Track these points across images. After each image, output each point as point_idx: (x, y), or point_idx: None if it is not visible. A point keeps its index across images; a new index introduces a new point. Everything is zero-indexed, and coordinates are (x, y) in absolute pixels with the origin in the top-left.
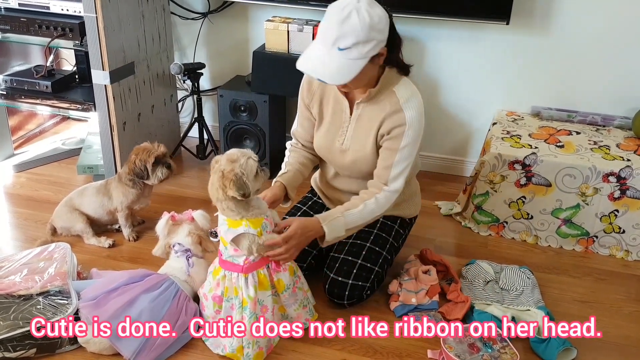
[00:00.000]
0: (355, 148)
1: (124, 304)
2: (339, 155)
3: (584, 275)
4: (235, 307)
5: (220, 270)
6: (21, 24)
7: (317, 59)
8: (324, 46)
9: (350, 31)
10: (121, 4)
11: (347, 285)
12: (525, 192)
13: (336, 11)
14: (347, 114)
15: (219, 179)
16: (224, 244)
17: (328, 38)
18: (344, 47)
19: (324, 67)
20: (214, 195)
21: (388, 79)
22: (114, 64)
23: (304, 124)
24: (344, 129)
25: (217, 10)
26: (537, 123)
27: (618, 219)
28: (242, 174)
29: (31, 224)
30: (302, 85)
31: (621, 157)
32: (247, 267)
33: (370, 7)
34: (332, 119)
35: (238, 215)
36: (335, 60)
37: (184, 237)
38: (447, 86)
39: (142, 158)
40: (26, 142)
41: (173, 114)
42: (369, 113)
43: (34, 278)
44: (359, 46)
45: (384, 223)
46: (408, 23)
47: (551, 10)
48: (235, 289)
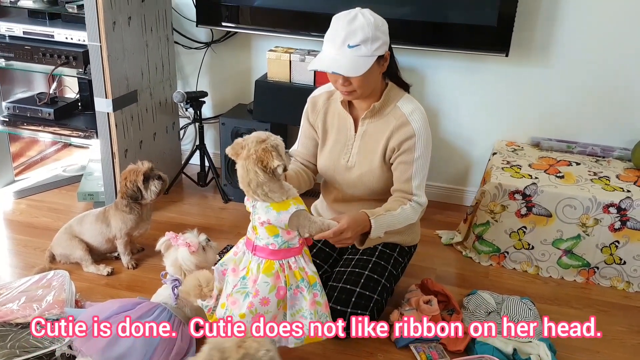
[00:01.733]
0: (362, 164)
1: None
2: (345, 172)
3: (586, 306)
4: (304, 289)
5: (273, 264)
6: (25, 51)
7: (329, 58)
8: (334, 47)
9: (359, 28)
10: (125, 34)
11: (346, 314)
12: (526, 222)
13: (342, 15)
14: (352, 131)
15: (253, 162)
16: (269, 234)
17: (338, 38)
18: (353, 44)
19: (337, 63)
20: (252, 181)
21: (391, 94)
22: (117, 92)
23: (306, 143)
24: (349, 146)
25: (220, 40)
26: (536, 153)
27: (619, 250)
28: (277, 145)
29: (30, 250)
30: (307, 105)
31: (621, 188)
32: (301, 247)
33: (372, 13)
34: (336, 136)
35: (283, 195)
36: (347, 57)
37: (169, 266)
38: (447, 116)
39: (131, 179)
40: (27, 169)
41: (175, 141)
42: (374, 128)
43: (31, 306)
44: (367, 43)
45: (383, 251)
46: (409, 54)
47: (550, 42)
48: (296, 273)
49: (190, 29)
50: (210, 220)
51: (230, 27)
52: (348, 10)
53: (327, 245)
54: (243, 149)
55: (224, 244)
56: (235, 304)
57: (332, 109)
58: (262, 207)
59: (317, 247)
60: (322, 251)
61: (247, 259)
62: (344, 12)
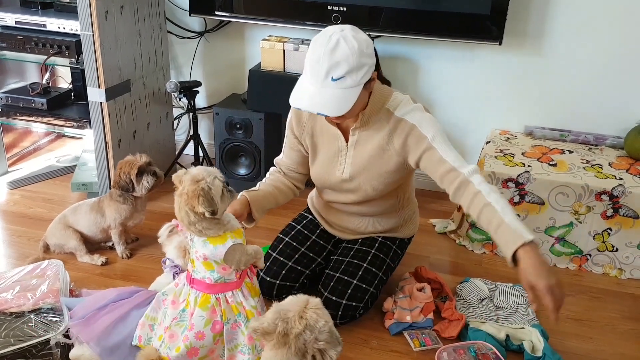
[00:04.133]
0: (359, 173)
1: (114, 320)
2: (341, 184)
3: (578, 293)
4: (241, 324)
5: (209, 298)
6: (17, 41)
7: (312, 94)
8: (316, 80)
9: (342, 59)
10: (118, 23)
11: (341, 305)
12: (519, 210)
13: (322, 42)
14: (342, 142)
15: (185, 202)
16: (206, 268)
17: (320, 71)
18: (337, 77)
19: (321, 101)
20: (184, 219)
21: (377, 99)
22: (110, 82)
23: (291, 154)
24: (342, 158)
25: (213, 29)
26: (530, 142)
27: (611, 237)
28: (209, 189)
29: (24, 241)
30: (291, 117)
31: (614, 176)
32: (239, 281)
33: (355, 33)
34: (327, 149)
35: (220, 230)
36: (331, 92)
37: (173, 248)
38: (440, 105)
39: (125, 171)
40: (20, 160)
41: (169, 131)
42: (367, 136)
43: (26, 295)
44: (352, 74)
45: (383, 243)
46: (402, 43)
47: (544, 30)
48: (233, 307)
49: (183, 18)
50: None
51: (224, 16)
52: (328, 34)
53: (322, 237)
54: (180, 184)
55: None
56: (172, 337)
57: (319, 122)
58: (198, 241)
59: (311, 239)
60: (316, 244)
61: (187, 291)
62: (324, 37)
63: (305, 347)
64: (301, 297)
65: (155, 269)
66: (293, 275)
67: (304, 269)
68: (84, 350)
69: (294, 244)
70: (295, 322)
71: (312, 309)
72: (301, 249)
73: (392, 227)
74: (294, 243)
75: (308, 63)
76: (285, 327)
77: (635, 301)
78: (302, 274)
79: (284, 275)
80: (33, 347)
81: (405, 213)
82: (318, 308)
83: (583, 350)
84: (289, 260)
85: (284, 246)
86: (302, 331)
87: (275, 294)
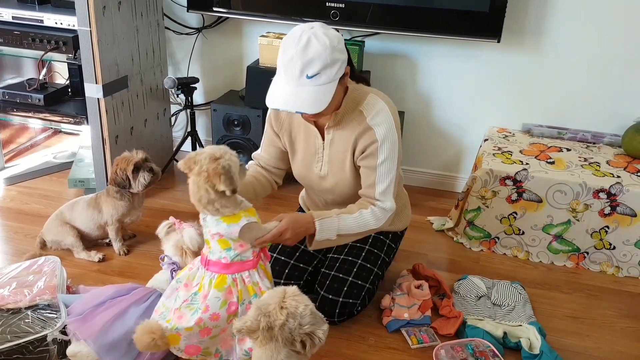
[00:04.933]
0: (334, 172)
1: (111, 317)
2: (319, 181)
3: (576, 291)
4: None
5: (225, 279)
6: (14, 37)
7: (287, 94)
8: (291, 79)
9: (315, 57)
10: (115, 19)
11: (338, 303)
12: (517, 208)
13: (293, 42)
14: (319, 139)
15: (205, 180)
16: (222, 247)
17: (294, 70)
18: (312, 74)
19: (298, 100)
20: (202, 198)
21: (351, 99)
22: (107, 78)
23: (269, 150)
24: (319, 155)
25: (211, 25)
26: (527, 140)
27: (608, 235)
28: (229, 167)
29: (21, 237)
30: (270, 113)
31: (611, 174)
32: (255, 260)
33: (325, 30)
34: (305, 146)
35: (235, 209)
36: (307, 90)
37: (171, 246)
38: (439, 102)
39: (121, 167)
40: (17, 156)
41: (166, 128)
42: (340, 136)
43: (22, 292)
44: (327, 70)
45: (376, 238)
46: (401, 40)
47: (542, 28)
48: (249, 288)
49: (181, 14)
50: None
51: (222, 12)
52: (298, 34)
53: None
54: (195, 165)
55: None
56: (181, 318)
57: (296, 119)
58: (212, 220)
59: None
60: None
61: (201, 275)
62: (294, 37)
63: (292, 335)
64: (278, 289)
65: (153, 265)
66: (296, 274)
67: (307, 265)
68: (81, 347)
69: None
70: (277, 314)
71: (290, 297)
72: (301, 247)
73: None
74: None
75: (281, 63)
76: (268, 320)
77: (633, 299)
78: (305, 271)
79: (288, 274)
80: (30, 344)
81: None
82: (296, 295)
83: (580, 347)
84: (291, 259)
85: (284, 245)
86: (286, 320)
87: None
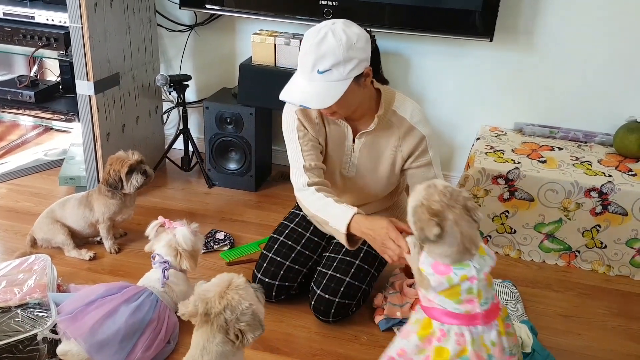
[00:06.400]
0: (363, 174)
1: (102, 316)
2: (343, 181)
3: (567, 289)
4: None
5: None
6: (5, 33)
7: (301, 88)
8: (304, 73)
9: (329, 52)
10: (107, 15)
11: (334, 303)
12: (509, 207)
13: (312, 35)
14: (350, 141)
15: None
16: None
17: (307, 64)
18: (323, 69)
19: (304, 93)
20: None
21: (385, 99)
22: (99, 75)
23: (313, 154)
24: (347, 156)
25: (203, 22)
26: (519, 139)
27: (600, 234)
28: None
29: (11, 235)
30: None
31: (603, 173)
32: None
33: (346, 27)
34: (333, 146)
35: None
36: (316, 85)
37: (163, 246)
38: (431, 101)
39: (115, 168)
40: (8, 153)
41: (158, 125)
42: (376, 138)
43: (12, 290)
44: (339, 67)
45: None
46: (393, 38)
47: (534, 27)
48: (486, 346)
49: (173, 11)
50: (194, 205)
51: (214, 9)
52: (318, 28)
53: (316, 234)
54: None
55: (208, 229)
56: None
57: (328, 119)
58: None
59: (305, 236)
60: (311, 241)
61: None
62: (314, 30)
63: (227, 325)
64: (224, 277)
65: (144, 264)
66: (291, 275)
67: (302, 267)
68: (71, 346)
69: (289, 243)
70: (215, 302)
71: (235, 289)
72: (297, 248)
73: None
74: (289, 242)
75: (299, 57)
76: (205, 307)
77: (624, 298)
78: (299, 273)
79: (282, 276)
80: (20, 343)
81: (397, 211)
82: (240, 289)
83: (572, 346)
84: (286, 260)
85: (280, 246)
86: (222, 310)
87: (275, 295)
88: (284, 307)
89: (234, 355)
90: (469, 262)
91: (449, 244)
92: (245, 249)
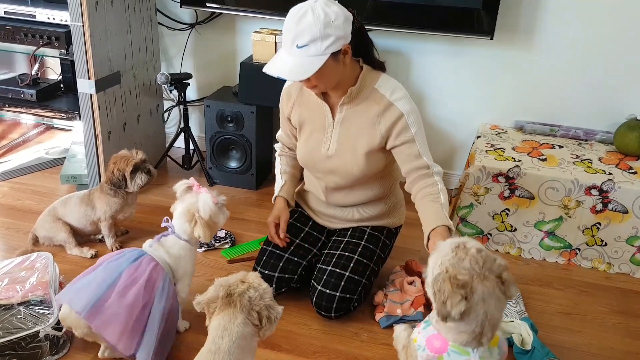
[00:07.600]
0: (343, 152)
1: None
2: (325, 161)
3: (567, 287)
4: None
5: None
6: (6, 32)
7: (279, 60)
8: (285, 47)
9: (306, 28)
10: (108, 14)
11: (335, 297)
12: (509, 205)
13: (293, 13)
14: (329, 118)
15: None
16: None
17: (288, 39)
18: (301, 44)
19: (282, 65)
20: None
21: (367, 77)
22: (100, 73)
23: (288, 132)
24: (328, 134)
25: (204, 21)
26: (520, 137)
27: (600, 231)
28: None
29: (13, 233)
30: (282, 97)
31: (603, 171)
32: None
33: (326, 5)
34: (314, 125)
35: None
36: (296, 58)
37: (182, 209)
38: (432, 99)
39: (119, 167)
40: (9, 151)
41: (159, 124)
42: (354, 114)
43: (15, 288)
44: (316, 43)
45: (372, 234)
46: (394, 37)
47: (535, 26)
48: None
49: (174, 9)
50: None
51: (215, 7)
52: (301, 5)
53: (315, 229)
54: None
55: None
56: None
57: (307, 98)
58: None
59: (304, 230)
60: (310, 235)
61: None
62: (296, 8)
63: (250, 304)
64: (240, 273)
65: None
66: (290, 267)
67: (301, 259)
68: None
69: (288, 236)
70: (238, 285)
71: (253, 276)
72: (296, 241)
73: (379, 214)
74: (288, 235)
75: (282, 32)
76: (227, 289)
77: (624, 295)
78: (299, 265)
79: (282, 268)
80: (22, 340)
81: (390, 201)
82: (258, 277)
83: (572, 343)
84: (285, 252)
85: None
86: (247, 289)
87: (275, 287)
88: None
89: (251, 342)
90: (471, 351)
91: (466, 322)
92: (246, 246)
